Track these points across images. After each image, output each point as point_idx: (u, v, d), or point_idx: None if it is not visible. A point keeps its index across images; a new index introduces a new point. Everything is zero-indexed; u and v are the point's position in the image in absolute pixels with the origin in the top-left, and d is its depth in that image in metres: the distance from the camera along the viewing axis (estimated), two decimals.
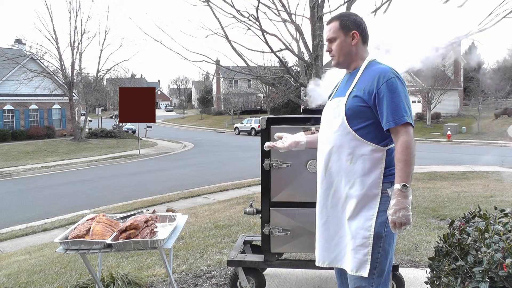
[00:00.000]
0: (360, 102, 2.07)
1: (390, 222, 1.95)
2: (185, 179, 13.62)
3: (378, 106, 2.03)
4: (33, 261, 5.25)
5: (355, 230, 2.06)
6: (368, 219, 2.03)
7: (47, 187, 13.50)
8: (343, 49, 2.17)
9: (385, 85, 2.00)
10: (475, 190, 8.45)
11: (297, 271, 3.65)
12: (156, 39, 6.60)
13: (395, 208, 1.92)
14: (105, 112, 52.21)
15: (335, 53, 2.19)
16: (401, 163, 1.95)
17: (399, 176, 1.95)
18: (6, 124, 28.42)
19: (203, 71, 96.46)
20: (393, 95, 1.99)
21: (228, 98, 49.21)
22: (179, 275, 3.84)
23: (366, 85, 2.07)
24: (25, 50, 29.04)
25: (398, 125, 1.97)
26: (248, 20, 6.23)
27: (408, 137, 1.96)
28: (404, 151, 1.95)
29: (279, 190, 3.04)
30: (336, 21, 2.19)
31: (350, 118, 2.08)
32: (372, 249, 2.02)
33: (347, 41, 2.16)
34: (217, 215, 7.18)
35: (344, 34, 2.16)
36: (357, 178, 2.07)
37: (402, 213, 1.90)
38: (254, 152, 19.16)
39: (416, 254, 4.15)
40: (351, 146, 2.08)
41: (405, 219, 1.91)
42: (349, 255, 2.09)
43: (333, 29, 2.18)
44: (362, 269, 2.03)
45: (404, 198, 1.92)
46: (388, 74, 2.03)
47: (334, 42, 2.18)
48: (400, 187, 1.93)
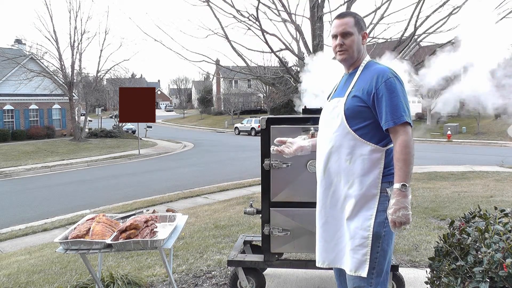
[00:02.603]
0: (359, 102, 2.07)
1: (390, 221, 1.95)
2: (185, 179, 13.61)
3: (377, 106, 2.03)
4: (33, 261, 5.24)
5: (353, 230, 2.06)
6: (367, 219, 2.04)
7: (47, 187, 13.50)
8: (356, 45, 2.16)
9: (383, 85, 2.01)
10: (475, 190, 8.45)
11: (297, 271, 3.65)
12: (156, 39, 6.62)
13: (395, 207, 1.92)
14: (105, 112, 52.24)
15: (349, 48, 2.15)
16: (400, 163, 1.95)
17: (399, 176, 1.95)
18: (6, 124, 28.40)
19: (203, 71, 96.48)
20: (392, 94, 2.00)
21: (228, 98, 49.19)
22: (179, 275, 3.84)
23: (364, 85, 2.07)
24: (25, 50, 29.04)
25: (397, 125, 1.98)
26: (248, 20, 6.24)
27: (407, 136, 1.97)
28: (403, 151, 1.95)
29: (279, 190, 3.04)
30: (351, 17, 2.18)
31: (349, 118, 2.09)
32: (371, 249, 2.03)
33: (359, 39, 2.17)
34: (217, 215, 7.17)
35: (358, 31, 2.17)
36: (356, 178, 2.07)
37: (402, 212, 1.91)
38: (254, 152, 19.17)
39: (416, 254, 4.15)
40: (350, 146, 2.08)
41: (405, 219, 1.91)
42: (348, 255, 2.09)
43: (349, 24, 2.15)
44: (361, 269, 2.04)
45: (403, 197, 1.92)
46: (386, 74, 2.04)
47: (349, 37, 2.15)
48: (399, 186, 1.93)
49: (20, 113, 29.12)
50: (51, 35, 26.87)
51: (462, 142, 26.88)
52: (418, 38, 6.35)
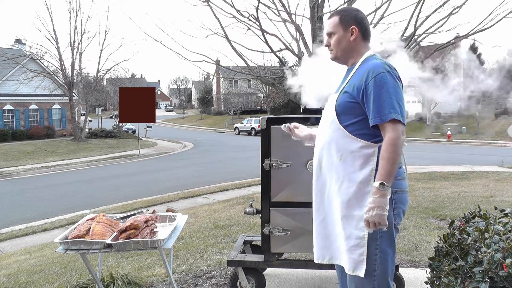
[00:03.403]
0: (349, 98, 2.04)
1: (364, 220, 1.91)
2: (185, 179, 13.61)
3: (365, 102, 1.99)
4: (33, 261, 5.25)
5: (348, 230, 2.02)
6: (361, 219, 1.97)
7: (47, 187, 13.49)
8: (340, 44, 2.14)
9: (373, 81, 1.95)
10: (475, 190, 8.45)
11: (297, 271, 3.65)
12: (156, 39, 6.62)
13: (369, 206, 1.88)
14: (105, 112, 52.23)
15: (333, 48, 2.17)
16: (384, 161, 1.90)
17: (380, 174, 1.89)
18: (6, 124, 28.40)
19: (203, 71, 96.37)
20: (381, 90, 1.93)
21: (228, 98, 49.19)
22: (179, 275, 3.84)
23: (356, 81, 2.04)
24: (25, 50, 29.03)
25: (384, 122, 1.92)
26: (248, 20, 6.24)
27: (395, 134, 1.90)
28: (388, 149, 1.89)
29: (279, 190, 3.04)
30: (336, 16, 2.17)
31: (340, 114, 2.06)
32: (368, 249, 1.98)
33: (346, 36, 2.13)
34: (217, 215, 7.17)
35: (343, 29, 2.13)
36: (347, 176, 2.02)
37: (376, 212, 1.86)
38: (254, 152, 19.15)
39: (416, 254, 4.15)
40: (341, 142, 2.05)
41: (379, 219, 1.86)
42: (344, 255, 2.07)
43: (332, 24, 2.16)
44: (358, 269, 2.00)
45: (381, 196, 1.86)
46: (378, 69, 1.97)
47: (333, 37, 2.16)
48: (378, 185, 1.87)
49: (20, 113, 29.12)
50: (51, 35, 26.91)
51: (462, 142, 26.89)
52: (418, 38, 6.34)
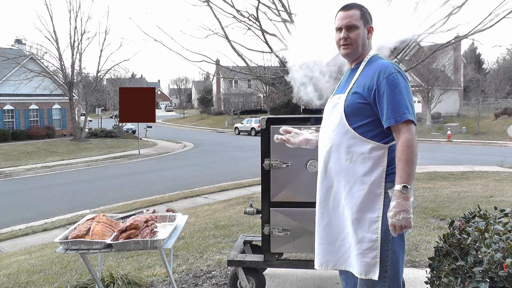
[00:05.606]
0: (359, 99, 1.99)
1: (389, 225, 1.87)
2: (185, 179, 13.61)
3: (378, 103, 1.94)
4: (33, 261, 5.25)
5: (360, 234, 1.97)
6: (373, 222, 1.95)
7: (47, 187, 13.49)
8: (360, 39, 2.05)
9: (385, 81, 1.92)
10: (475, 190, 8.45)
11: (297, 271, 3.65)
12: (156, 39, 6.60)
13: (395, 210, 1.83)
14: (105, 112, 52.19)
15: (353, 42, 2.05)
16: (402, 163, 1.86)
17: (400, 177, 1.86)
18: (6, 124, 28.39)
19: (203, 71, 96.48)
20: (394, 91, 1.90)
21: (228, 98, 49.17)
22: (179, 275, 3.84)
23: (366, 81, 1.99)
24: (25, 50, 29.01)
25: (399, 123, 1.89)
26: (248, 20, 6.24)
27: (410, 135, 1.87)
28: (406, 150, 1.85)
29: (279, 190, 3.04)
30: (357, 9, 2.06)
31: (349, 116, 2.01)
32: (381, 252, 1.95)
33: (365, 33, 2.07)
34: (217, 215, 7.17)
35: (364, 25, 2.06)
36: (358, 178, 1.98)
37: (402, 215, 1.82)
38: (254, 152, 19.15)
39: (416, 254, 4.15)
40: (350, 144, 2.00)
41: (406, 222, 1.82)
42: (354, 259, 2.01)
43: (354, 17, 2.04)
44: (371, 272, 1.95)
45: (404, 200, 1.83)
46: (389, 69, 1.95)
47: (354, 31, 2.04)
48: (400, 188, 1.84)
49: (20, 113, 29.11)
50: (51, 35, 26.89)
51: (462, 142, 26.88)
52: (418, 38, 6.34)
